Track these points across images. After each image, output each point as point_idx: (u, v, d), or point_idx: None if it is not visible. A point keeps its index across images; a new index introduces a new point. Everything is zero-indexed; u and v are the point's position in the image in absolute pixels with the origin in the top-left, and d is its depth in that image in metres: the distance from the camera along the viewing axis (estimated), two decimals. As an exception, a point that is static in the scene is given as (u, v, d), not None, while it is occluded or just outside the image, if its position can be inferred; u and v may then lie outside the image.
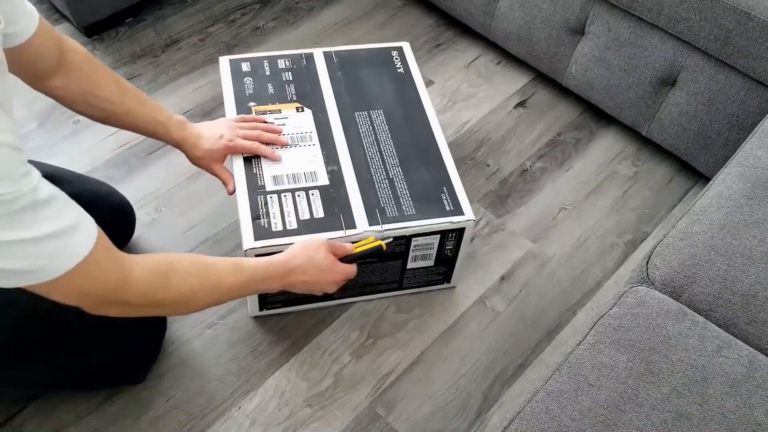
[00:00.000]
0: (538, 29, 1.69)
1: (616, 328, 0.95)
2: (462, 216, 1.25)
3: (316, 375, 1.27)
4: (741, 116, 1.45)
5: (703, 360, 0.91)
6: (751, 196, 1.09)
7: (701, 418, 0.86)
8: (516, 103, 1.77)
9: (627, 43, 1.55)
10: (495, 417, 1.25)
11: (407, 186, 1.28)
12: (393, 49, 1.52)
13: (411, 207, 1.25)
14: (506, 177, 1.62)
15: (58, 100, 1.11)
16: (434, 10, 1.97)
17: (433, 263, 1.33)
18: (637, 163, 1.68)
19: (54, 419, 1.18)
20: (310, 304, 1.34)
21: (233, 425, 1.20)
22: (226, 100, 1.38)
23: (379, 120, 1.37)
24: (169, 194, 1.50)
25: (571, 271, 1.47)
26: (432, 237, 1.26)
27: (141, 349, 1.20)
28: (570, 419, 0.85)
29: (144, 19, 1.86)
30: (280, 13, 1.93)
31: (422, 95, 1.43)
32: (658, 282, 1.03)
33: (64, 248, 0.77)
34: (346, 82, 1.44)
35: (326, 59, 1.48)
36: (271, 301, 1.30)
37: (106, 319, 0.90)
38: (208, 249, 1.42)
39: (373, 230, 1.21)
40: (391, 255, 1.27)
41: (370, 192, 1.26)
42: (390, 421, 1.22)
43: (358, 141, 1.33)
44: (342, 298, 1.35)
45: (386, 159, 1.31)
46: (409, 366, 1.30)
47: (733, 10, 1.35)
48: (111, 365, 1.15)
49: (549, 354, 1.34)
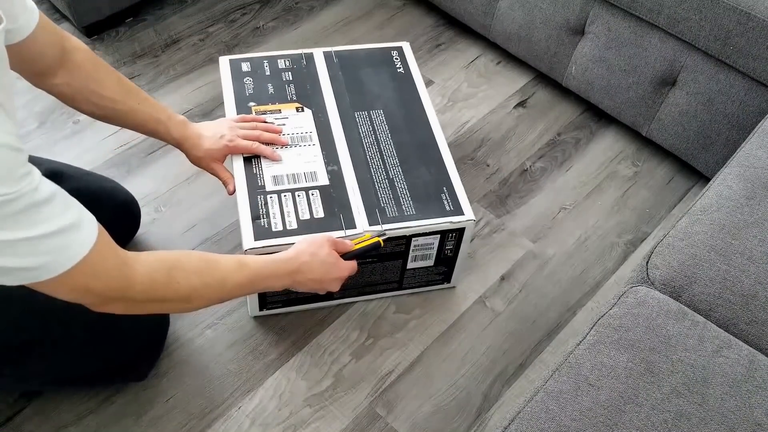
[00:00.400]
0: (538, 29, 1.69)
1: (616, 328, 0.95)
2: (462, 216, 1.25)
3: (316, 375, 1.27)
4: (741, 116, 1.45)
5: (703, 360, 0.91)
6: (751, 196, 1.09)
7: (701, 418, 0.86)
8: (516, 103, 1.77)
9: (627, 43, 1.55)
10: (495, 417, 1.25)
11: (407, 186, 1.28)
12: (393, 49, 1.52)
13: (411, 207, 1.25)
14: (506, 177, 1.62)
15: (60, 97, 1.11)
16: (434, 10, 1.97)
17: (433, 263, 1.33)
18: (637, 163, 1.68)
19: (54, 419, 1.18)
20: (310, 304, 1.34)
21: (233, 425, 1.20)
22: (226, 100, 1.38)
23: (379, 120, 1.37)
24: (169, 194, 1.50)
25: (571, 271, 1.47)
26: (432, 237, 1.26)
27: (144, 345, 1.20)
28: (570, 419, 0.85)
29: (144, 19, 1.87)
30: (280, 13, 1.93)
31: (422, 95, 1.43)
32: (658, 282, 1.03)
33: (66, 246, 0.77)
34: (346, 82, 1.44)
35: (326, 59, 1.48)
36: (271, 301, 1.30)
37: (111, 315, 0.91)
38: (208, 249, 1.42)
39: (373, 229, 1.21)
40: (391, 255, 1.27)
41: (370, 192, 1.26)
42: (390, 421, 1.22)
43: (358, 141, 1.33)
44: (342, 298, 1.35)
45: (386, 159, 1.31)
46: (409, 366, 1.30)
47: (733, 10, 1.35)
48: (115, 361, 1.15)
49: (549, 354, 1.34)
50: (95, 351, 1.11)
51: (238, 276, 1.01)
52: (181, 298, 0.94)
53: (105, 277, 0.84)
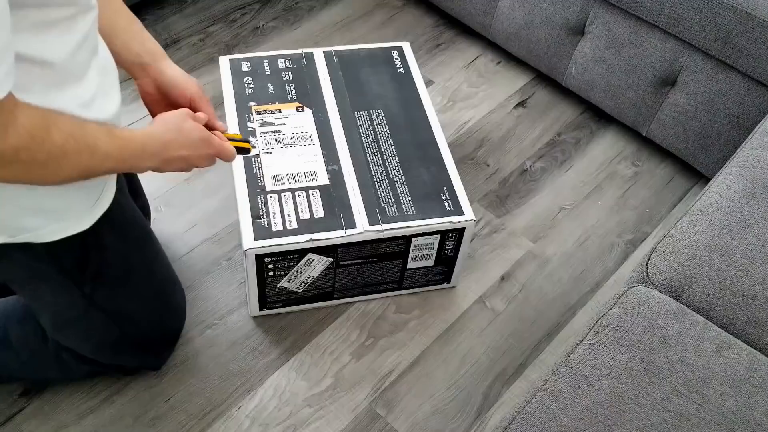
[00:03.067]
0: (538, 29, 1.69)
1: (616, 328, 0.95)
2: (462, 216, 1.25)
3: (316, 375, 1.27)
4: (741, 116, 1.45)
5: (703, 360, 0.91)
6: (751, 196, 1.09)
7: (701, 418, 0.86)
8: (516, 103, 1.77)
9: (627, 43, 1.55)
10: (495, 417, 1.25)
11: (407, 186, 1.28)
12: (393, 49, 1.52)
13: (411, 207, 1.25)
14: (506, 177, 1.62)
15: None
16: (434, 10, 1.97)
17: (433, 263, 1.33)
18: (637, 163, 1.68)
19: (54, 419, 1.18)
20: (310, 304, 1.34)
21: (233, 425, 1.20)
22: (227, 100, 1.38)
23: (380, 120, 1.37)
24: (169, 194, 1.50)
25: (571, 271, 1.47)
26: (432, 237, 1.26)
27: (168, 329, 1.22)
28: (570, 419, 0.85)
29: (144, 19, 1.86)
30: (280, 13, 1.93)
31: (422, 95, 1.43)
32: (658, 282, 1.03)
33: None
34: (346, 81, 1.44)
35: (326, 59, 1.48)
36: (271, 300, 1.30)
37: (158, 286, 0.90)
38: (208, 249, 1.42)
39: (374, 229, 1.21)
40: (392, 255, 1.27)
41: (370, 191, 1.26)
42: (390, 421, 1.22)
43: (359, 141, 1.33)
44: (342, 298, 1.35)
45: (386, 159, 1.31)
46: (409, 366, 1.30)
47: (733, 10, 1.35)
48: (141, 337, 1.17)
49: (549, 354, 1.34)
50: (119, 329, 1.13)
51: (108, 143, 0.86)
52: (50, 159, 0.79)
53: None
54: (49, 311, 1.09)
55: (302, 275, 1.26)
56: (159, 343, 1.23)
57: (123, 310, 1.11)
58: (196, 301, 1.34)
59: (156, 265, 1.16)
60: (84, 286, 1.04)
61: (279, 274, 1.24)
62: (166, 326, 1.22)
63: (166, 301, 1.19)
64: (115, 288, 1.08)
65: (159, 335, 1.21)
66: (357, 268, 1.28)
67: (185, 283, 1.36)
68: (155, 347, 1.22)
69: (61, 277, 1.02)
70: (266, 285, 1.25)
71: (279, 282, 1.26)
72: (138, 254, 1.11)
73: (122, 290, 1.09)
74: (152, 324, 1.18)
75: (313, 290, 1.30)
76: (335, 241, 1.20)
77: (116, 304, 1.10)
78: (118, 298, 1.10)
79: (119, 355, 1.18)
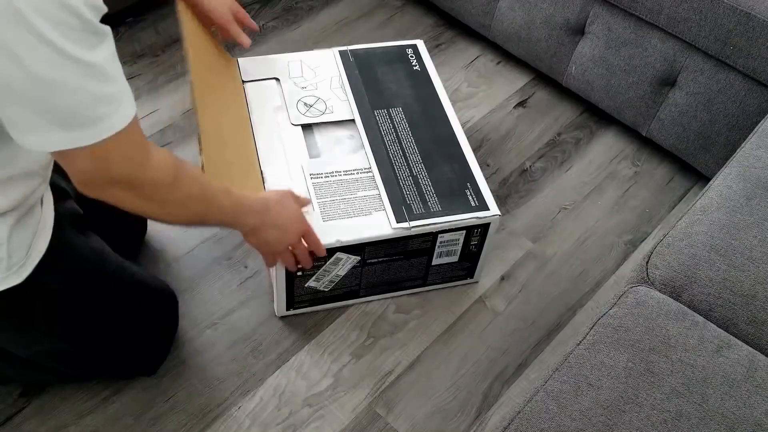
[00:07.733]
0: (538, 29, 1.69)
1: (616, 328, 0.95)
2: (488, 211, 1.25)
3: (316, 375, 1.27)
4: (741, 116, 1.45)
5: (703, 360, 0.91)
6: (751, 196, 1.09)
7: (701, 418, 0.86)
8: (516, 103, 1.78)
9: (627, 43, 1.55)
10: (495, 417, 1.25)
11: (431, 182, 1.28)
12: (408, 47, 1.52)
13: (437, 203, 1.25)
14: (506, 177, 1.62)
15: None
16: (434, 10, 1.97)
17: (458, 259, 1.32)
18: (637, 163, 1.68)
19: (54, 419, 1.18)
20: (336, 302, 1.33)
21: (233, 425, 1.20)
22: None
23: (399, 117, 1.37)
24: (169, 194, 1.50)
25: (571, 271, 1.47)
26: (458, 233, 1.26)
27: (155, 337, 1.21)
28: (570, 419, 0.85)
29: (144, 19, 1.86)
30: (280, 13, 1.93)
31: (440, 92, 1.43)
32: (658, 282, 1.03)
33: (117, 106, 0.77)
34: (363, 80, 1.44)
35: (342, 58, 1.47)
36: (298, 300, 1.29)
37: (127, 301, 0.90)
38: (208, 249, 1.42)
39: (401, 227, 1.21)
40: (417, 252, 1.27)
41: (395, 189, 1.26)
42: (390, 421, 1.22)
43: (380, 139, 1.33)
44: (368, 296, 1.35)
45: (408, 156, 1.31)
46: (409, 366, 1.30)
47: (733, 10, 1.35)
48: (127, 348, 1.16)
49: (549, 354, 1.34)
50: (110, 334, 1.12)
51: (224, 199, 0.99)
52: (177, 201, 0.92)
53: (128, 155, 0.83)
54: (13, 348, 1.08)
55: (330, 274, 1.26)
56: (148, 351, 1.21)
57: (93, 333, 1.10)
58: (196, 301, 1.34)
59: (121, 284, 1.12)
60: (39, 327, 1.03)
61: (307, 273, 1.23)
62: (149, 336, 1.20)
63: (142, 313, 1.17)
64: (74, 320, 1.06)
65: (144, 345, 1.20)
66: (383, 266, 1.28)
67: (185, 283, 1.36)
68: (144, 355, 1.21)
69: (10, 325, 1.00)
70: (294, 285, 1.25)
71: (307, 282, 1.25)
72: (92, 286, 1.07)
73: (84, 320, 1.07)
74: (133, 336, 1.16)
75: (340, 289, 1.30)
76: (363, 239, 1.20)
77: (83, 331, 1.08)
78: (83, 327, 1.08)
79: (108, 365, 1.17)
